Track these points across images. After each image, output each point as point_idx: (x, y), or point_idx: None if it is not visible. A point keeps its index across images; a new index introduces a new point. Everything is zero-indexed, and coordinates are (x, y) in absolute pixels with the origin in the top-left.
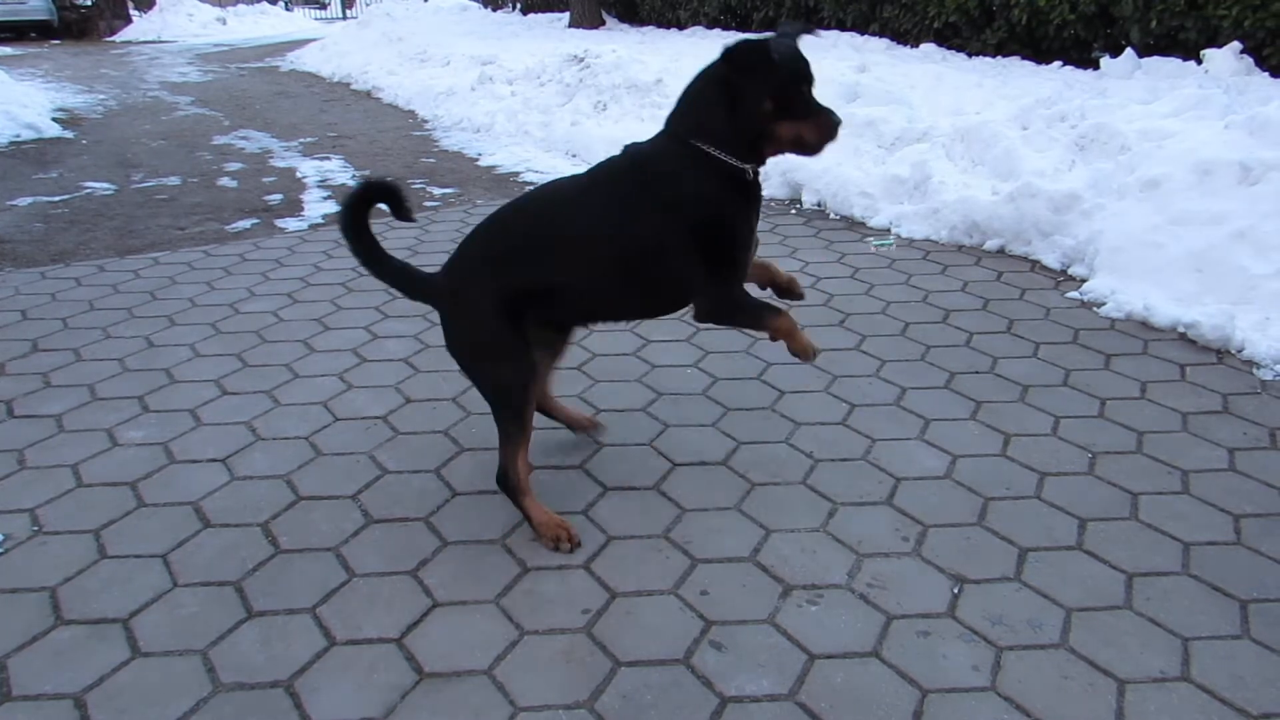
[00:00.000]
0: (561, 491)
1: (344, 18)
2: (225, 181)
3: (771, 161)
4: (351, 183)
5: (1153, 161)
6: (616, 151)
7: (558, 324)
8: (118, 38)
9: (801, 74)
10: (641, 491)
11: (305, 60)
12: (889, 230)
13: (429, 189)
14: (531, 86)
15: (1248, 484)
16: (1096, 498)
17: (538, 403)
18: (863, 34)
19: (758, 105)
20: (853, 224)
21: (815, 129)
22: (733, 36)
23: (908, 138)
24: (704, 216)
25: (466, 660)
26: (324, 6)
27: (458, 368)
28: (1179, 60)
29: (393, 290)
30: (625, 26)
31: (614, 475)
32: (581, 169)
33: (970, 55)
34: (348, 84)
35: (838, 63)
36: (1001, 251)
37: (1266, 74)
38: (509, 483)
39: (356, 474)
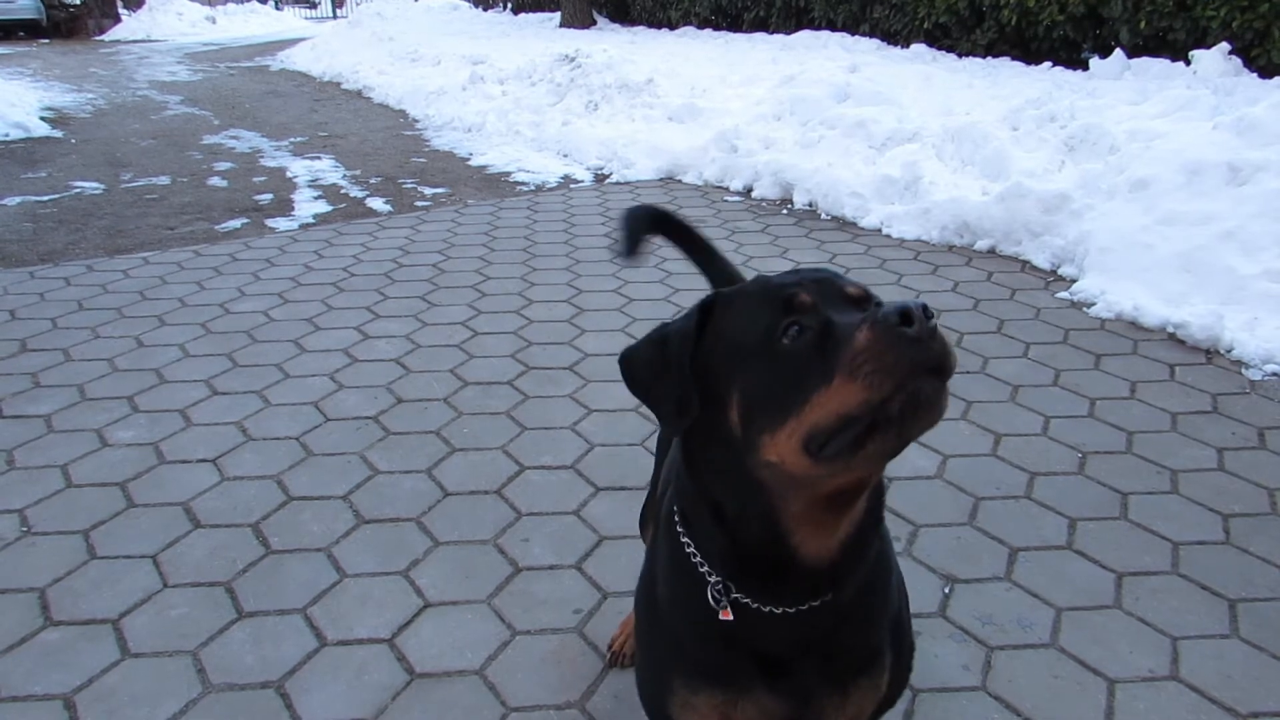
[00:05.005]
0: (554, 492)
1: (334, 17)
2: (215, 181)
3: (762, 161)
4: (343, 182)
5: (1141, 162)
6: (606, 151)
7: None
8: (106, 37)
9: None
10: (633, 491)
11: (295, 59)
12: None
13: (420, 189)
14: (523, 86)
15: (1236, 484)
16: (1086, 497)
17: None
18: (853, 34)
19: None
20: (844, 224)
21: None
22: (723, 37)
23: (898, 138)
24: None
25: (458, 660)
26: (314, 6)
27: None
28: (1168, 61)
29: None
30: (616, 26)
31: (606, 475)
32: (573, 169)
33: (960, 56)
34: (338, 83)
35: (828, 63)
36: (992, 252)
37: (1254, 74)
38: None
39: (347, 474)
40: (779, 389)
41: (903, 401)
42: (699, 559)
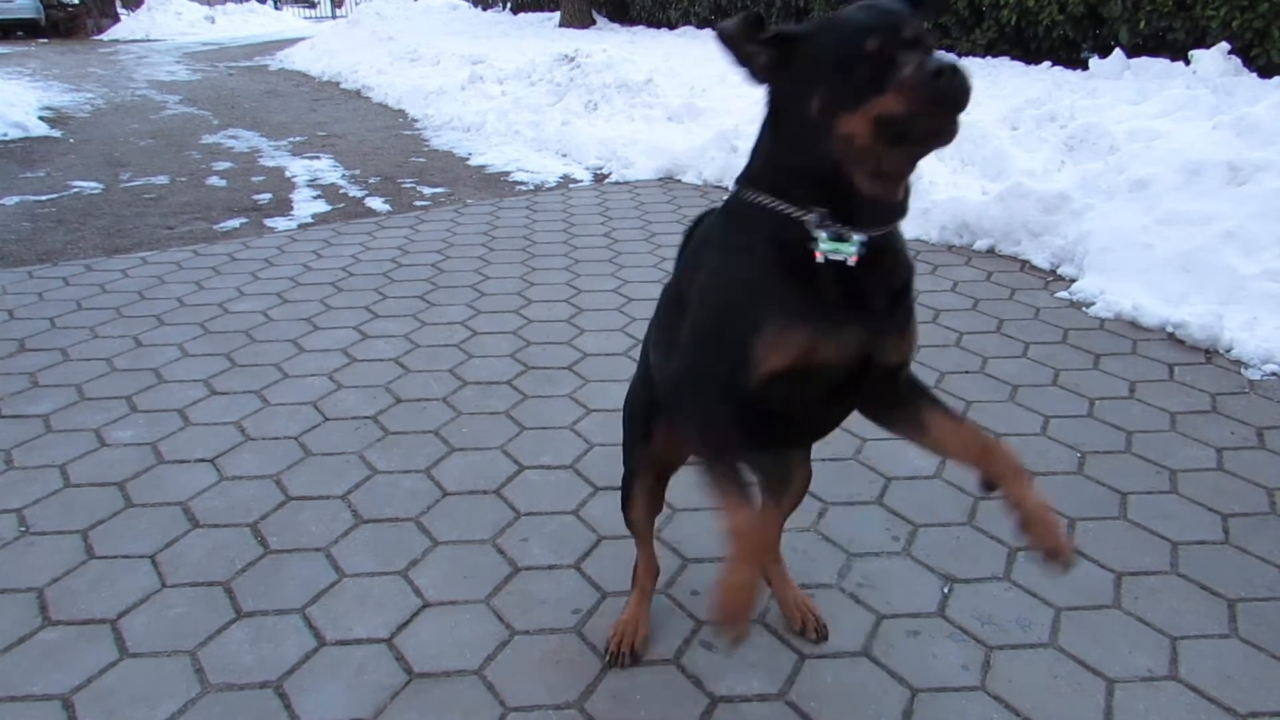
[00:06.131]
0: (553, 492)
1: (333, 16)
2: (214, 181)
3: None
4: (341, 182)
5: (1141, 162)
6: (606, 151)
7: None
8: (105, 36)
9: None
10: None
11: (294, 59)
12: None
13: (419, 188)
14: (522, 86)
15: (1236, 483)
16: (1085, 497)
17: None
18: None
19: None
20: None
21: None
22: None
23: None
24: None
25: (456, 660)
26: (313, 5)
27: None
28: (1167, 61)
29: None
30: (615, 26)
31: (604, 475)
32: (572, 169)
33: (960, 55)
34: (337, 83)
35: None
36: (991, 251)
37: (1254, 74)
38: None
39: (346, 474)
40: (854, 93)
41: (927, 121)
42: (785, 208)
